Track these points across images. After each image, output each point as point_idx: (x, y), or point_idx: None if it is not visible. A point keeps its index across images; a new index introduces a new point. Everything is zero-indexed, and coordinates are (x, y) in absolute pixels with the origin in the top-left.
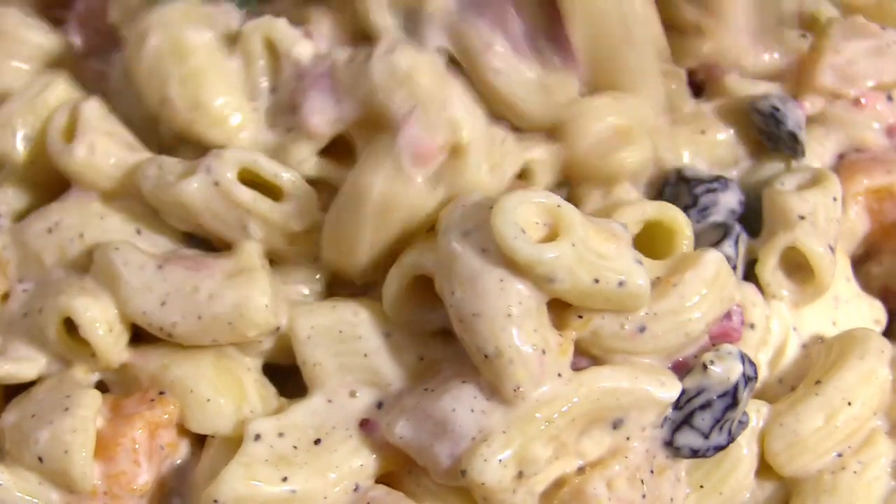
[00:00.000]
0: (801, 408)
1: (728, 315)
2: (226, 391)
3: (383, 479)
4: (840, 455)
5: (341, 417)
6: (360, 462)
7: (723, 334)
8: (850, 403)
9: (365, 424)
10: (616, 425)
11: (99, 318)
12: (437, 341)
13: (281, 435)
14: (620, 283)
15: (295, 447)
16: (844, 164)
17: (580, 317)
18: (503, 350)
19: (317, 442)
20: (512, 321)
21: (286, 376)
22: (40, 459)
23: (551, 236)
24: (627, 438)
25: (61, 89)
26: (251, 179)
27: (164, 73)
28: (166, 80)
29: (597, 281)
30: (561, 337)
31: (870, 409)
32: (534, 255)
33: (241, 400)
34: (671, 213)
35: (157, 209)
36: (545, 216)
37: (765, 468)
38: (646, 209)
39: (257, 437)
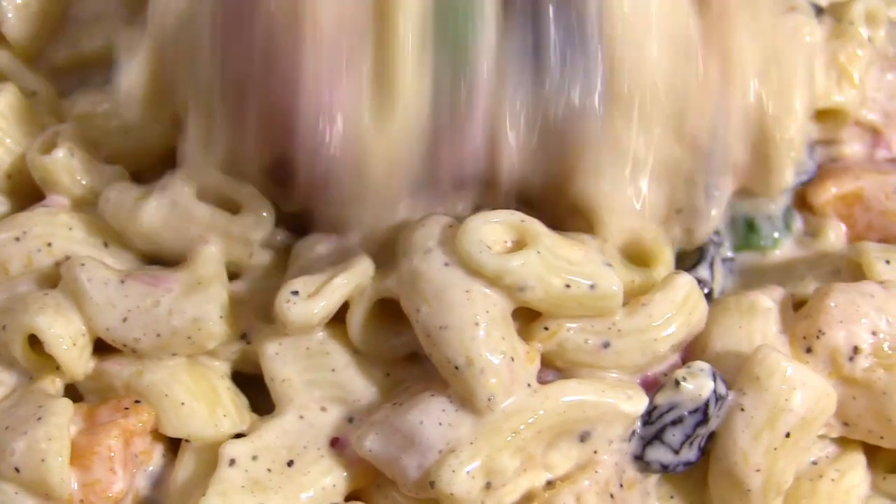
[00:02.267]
0: None
1: None
2: (200, 395)
3: (352, 495)
4: (815, 463)
5: (312, 435)
6: (333, 481)
7: None
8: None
9: (336, 443)
10: (583, 438)
11: (62, 334)
12: (406, 363)
13: (255, 458)
14: (592, 286)
15: (269, 470)
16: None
17: (546, 328)
18: (474, 359)
19: (290, 464)
20: (480, 329)
21: (255, 389)
22: (17, 470)
23: (519, 249)
24: (595, 452)
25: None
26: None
27: None
28: None
29: (568, 286)
30: (528, 346)
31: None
32: (500, 265)
33: (215, 404)
34: (651, 234)
35: (120, 233)
36: (511, 233)
37: None
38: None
39: (232, 461)
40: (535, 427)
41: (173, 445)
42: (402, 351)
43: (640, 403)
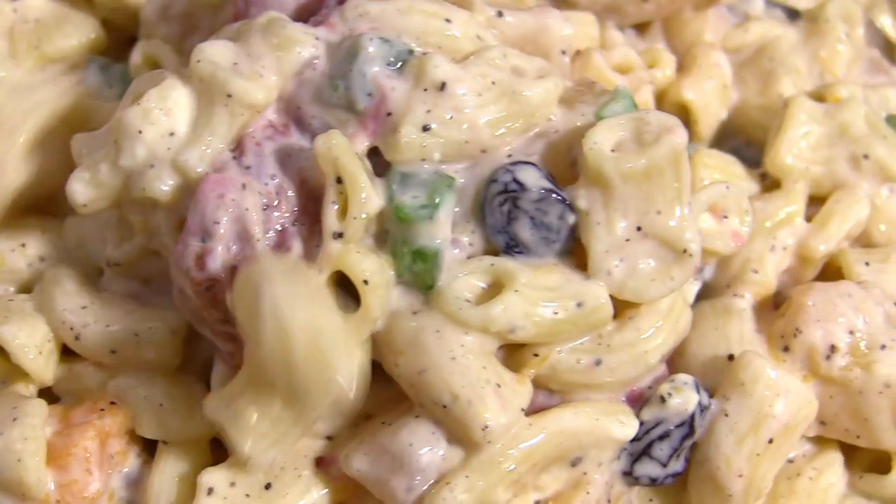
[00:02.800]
0: None
1: None
2: (177, 396)
3: None
4: (792, 461)
5: (290, 457)
6: (312, 501)
7: None
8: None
9: (321, 462)
10: (574, 463)
11: (27, 344)
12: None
13: (232, 485)
14: (579, 305)
15: (247, 495)
16: None
17: (536, 355)
18: (458, 393)
19: (267, 486)
20: (458, 363)
21: None
22: None
23: (497, 290)
24: (585, 473)
25: None
26: None
27: None
28: None
29: (556, 313)
30: (515, 374)
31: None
32: (482, 316)
33: (192, 405)
34: None
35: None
36: (485, 277)
37: None
38: None
39: (210, 490)
40: (531, 460)
41: (148, 446)
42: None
43: (631, 428)
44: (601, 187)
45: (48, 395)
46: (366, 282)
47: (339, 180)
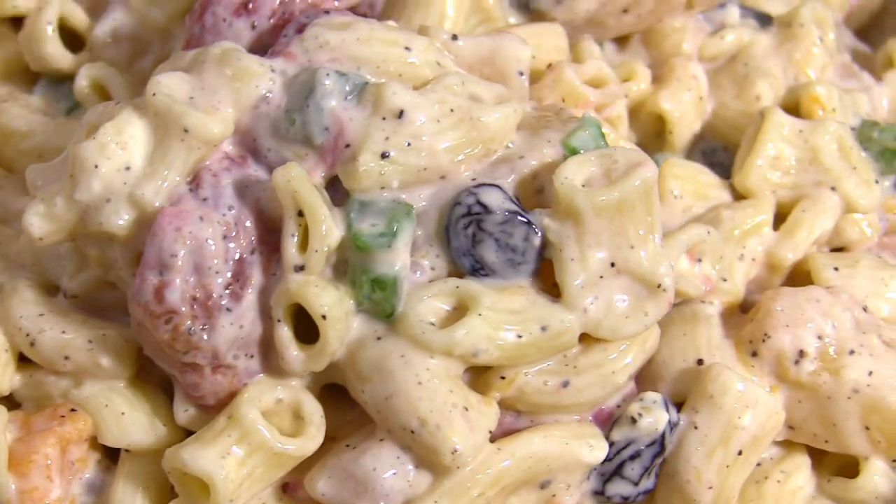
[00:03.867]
0: None
1: None
2: (139, 404)
3: None
4: (760, 465)
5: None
6: None
7: None
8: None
9: (286, 487)
10: (544, 486)
11: None
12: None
13: None
14: (543, 329)
15: None
16: None
17: (503, 377)
18: (426, 418)
19: None
20: (424, 388)
21: None
22: None
23: (462, 313)
24: (554, 495)
25: None
26: None
27: None
28: None
29: (520, 336)
30: (482, 397)
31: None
32: (446, 340)
33: (154, 413)
34: None
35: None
36: (449, 300)
37: None
38: None
39: None
40: (499, 485)
41: (109, 453)
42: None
43: (601, 450)
44: (573, 221)
45: (9, 401)
46: (324, 316)
47: (300, 213)
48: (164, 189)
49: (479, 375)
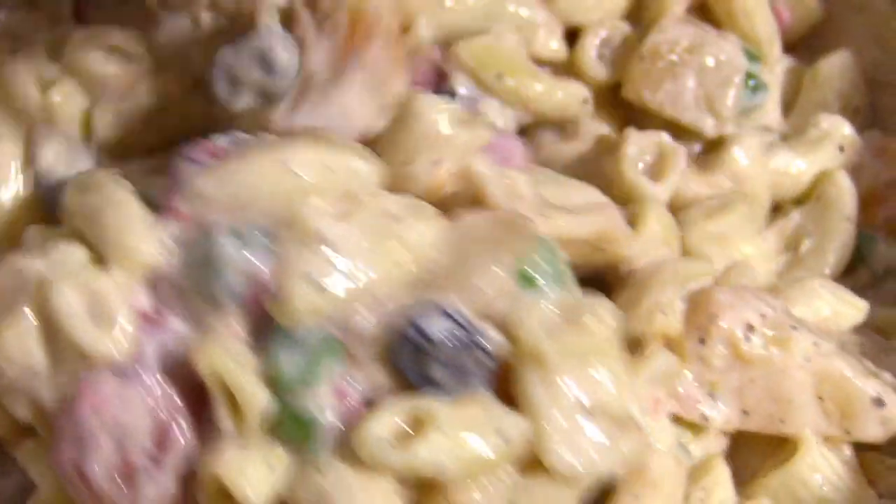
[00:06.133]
0: None
1: None
2: None
3: None
4: None
5: None
6: None
7: None
8: None
9: None
10: None
11: None
12: None
13: None
14: (503, 439)
15: None
16: None
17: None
18: None
19: None
20: None
21: None
22: None
23: (419, 428)
24: None
25: None
26: None
27: None
28: None
29: (481, 449)
30: None
31: None
32: (409, 459)
33: None
34: None
35: None
36: (405, 416)
37: None
38: None
39: None
40: None
41: None
42: None
43: None
44: (538, 368)
45: None
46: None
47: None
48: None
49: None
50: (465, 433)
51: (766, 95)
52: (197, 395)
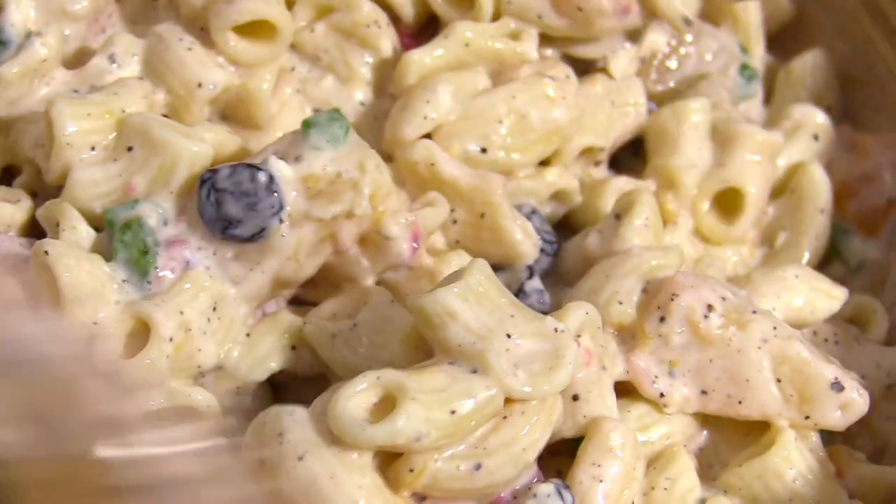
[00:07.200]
0: None
1: None
2: None
3: None
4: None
5: None
6: None
7: None
8: None
9: None
10: None
11: None
12: None
13: None
14: (473, 400)
15: None
16: None
17: (411, 470)
18: None
19: None
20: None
21: None
22: None
23: (391, 404)
24: None
25: None
26: None
27: None
28: None
29: (453, 412)
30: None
31: None
32: (390, 431)
33: None
34: None
35: None
36: (378, 392)
37: None
38: None
39: None
40: None
41: None
42: None
43: None
44: None
45: None
46: None
47: None
48: None
49: (388, 472)
50: (436, 399)
51: (759, 85)
52: None
